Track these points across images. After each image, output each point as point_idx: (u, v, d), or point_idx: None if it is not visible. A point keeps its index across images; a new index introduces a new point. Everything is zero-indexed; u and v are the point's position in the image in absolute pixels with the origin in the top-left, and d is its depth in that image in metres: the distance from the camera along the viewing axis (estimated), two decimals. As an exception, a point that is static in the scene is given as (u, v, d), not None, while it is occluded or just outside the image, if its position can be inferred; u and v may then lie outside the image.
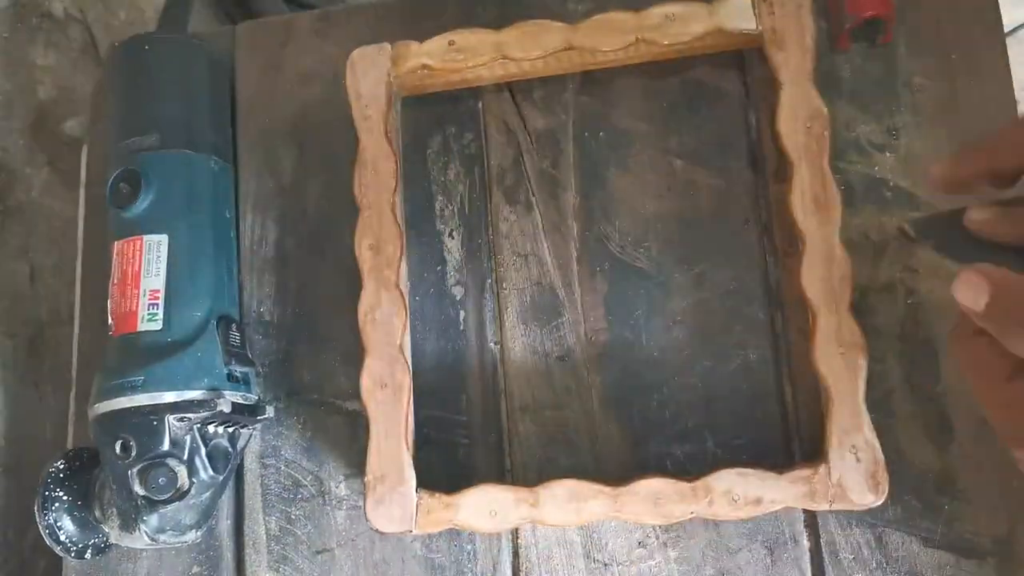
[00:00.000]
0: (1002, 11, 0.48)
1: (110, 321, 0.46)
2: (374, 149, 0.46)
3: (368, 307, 0.45)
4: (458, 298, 0.50)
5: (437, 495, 0.43)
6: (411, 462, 0.43)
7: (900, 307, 0.46)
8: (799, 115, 0.43)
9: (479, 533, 0.46)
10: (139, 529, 0.43)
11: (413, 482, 0.43)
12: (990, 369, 0.30)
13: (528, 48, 0.46)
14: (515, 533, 0.47)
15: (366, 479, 0.43)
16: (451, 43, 0.47)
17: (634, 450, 0.46)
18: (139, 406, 0.43)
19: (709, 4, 0.45)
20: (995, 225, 0.32)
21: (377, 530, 0.43)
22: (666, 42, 0.45)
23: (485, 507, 0.42)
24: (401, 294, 0.45)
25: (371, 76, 0.47)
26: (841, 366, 0.41)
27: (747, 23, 0.45)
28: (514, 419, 0.48)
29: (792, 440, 0.45)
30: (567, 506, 0.41)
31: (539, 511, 0.41)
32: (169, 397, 0.43)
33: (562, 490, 0.42)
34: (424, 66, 0.47)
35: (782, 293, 0.46)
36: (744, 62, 0.49)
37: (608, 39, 0.45)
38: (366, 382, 0.44)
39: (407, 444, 0.43)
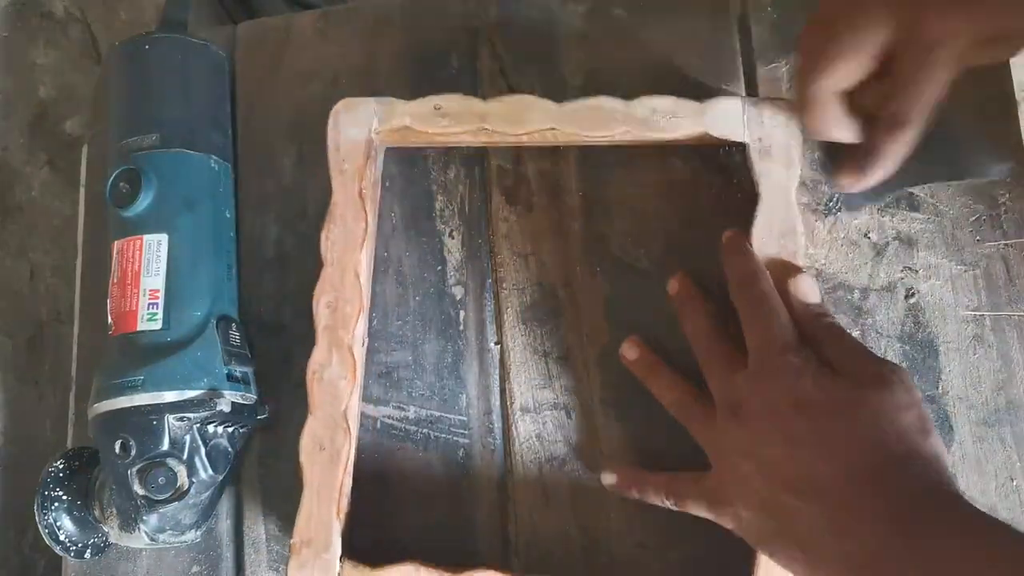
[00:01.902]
0: (1002, 11, 0.47)
1: (109, 320, 0.46)
2: (345, 206, 0.46)
3: (317, 365, 0.45)
4: (458, 298, 0.50)
5: (360, 567, 0.43)
6: (339, 529, 0.43)
7: (900, 307, 0.46)
8: (773, 230, 0.43)
9: None
10: (139, 529, 0.44)
11: (338, 551, 0.43)
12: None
13: (512, 124, 0.46)
14: (515, 532, 0.47)
15: (292, 541, 0.43)
16: (436, 107, 0.46)
17: (634, 450, 0.46)
18: (139, 406, 0.43)
19: (699, 103, 0.45)
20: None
21: None
22: (651, 137, 0.45)
23: None
24: (353, 357, 0.45)
25: (353, 129, 0.47)
26: None
27: (735, 131, 0.44)
28: (514, 419, 0.48)
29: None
30: None
31: None
32: (169, 397, 0.43)
33: None
34: (407, 127, 0.47)
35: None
36: (743, 62, 0.49)
37: (593, 128, 0.45)
38: (306, 442, 0.44)
39: (338, 511, 0.43)
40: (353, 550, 0.44)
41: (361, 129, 0.47)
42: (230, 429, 0.46)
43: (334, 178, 0.47)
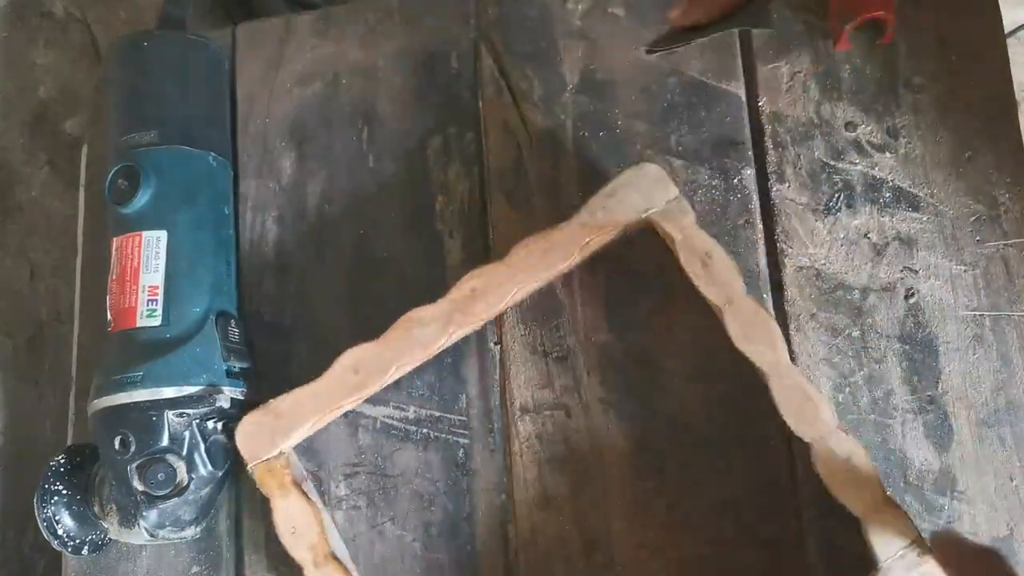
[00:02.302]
0: (1002, 11, 0.48)
1: (109, 317, 0.46)
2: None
3: None
4: (458, 298, 0.50)
5: None
6: None
7: (900, 307, 0.46)
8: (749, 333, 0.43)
9: None
10: (138, 525, 0.43)
11: None
12: None
13: (478, 311, 0.45)
14: (515, 533, 0.47)
15: None
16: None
17: (634, 450, 0.46)
18: (138, 402, 0.43)
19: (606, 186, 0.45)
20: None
21: None
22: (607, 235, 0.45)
23: None
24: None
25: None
26: None
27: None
28: (514, 419, 0.48)
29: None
30: None
31: None
32: (168, 393, 0.43)
33: None
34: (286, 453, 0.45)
35: (783, 292, 0.46)
36: (743, 62, 0.49)
37: (551, 266, 0.45)
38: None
39: None
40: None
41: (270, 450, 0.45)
42: (229, 425, 0.46)
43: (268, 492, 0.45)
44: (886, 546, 0.39)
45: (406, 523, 0.47)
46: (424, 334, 0.44)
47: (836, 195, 0.47)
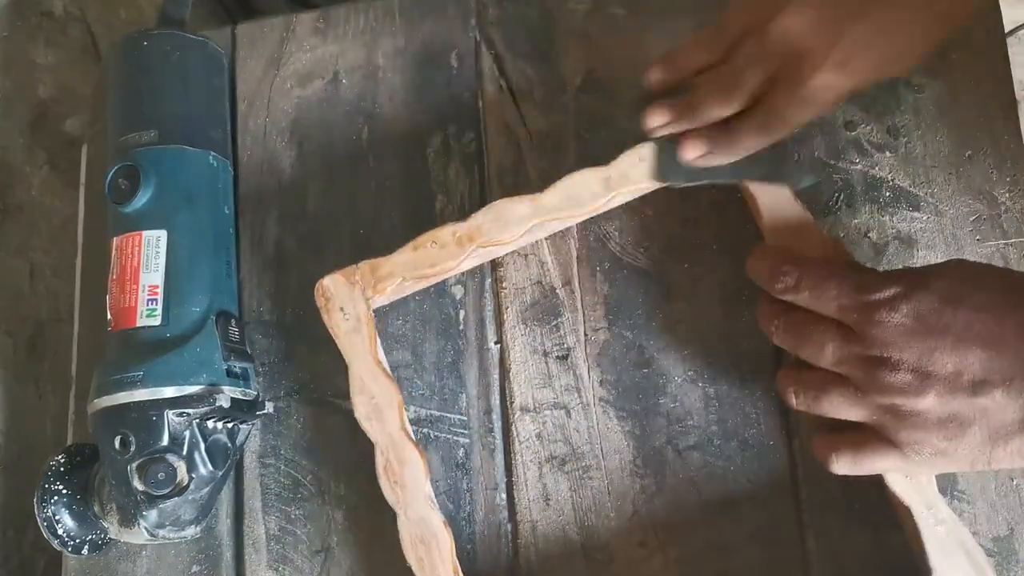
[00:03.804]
0: (1002, 11, 0.48)
1: (109, 316, 0.46)
2: (365, 375, 0.45)
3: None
4: (458, 298, 0.50)
5: None
6: None
7: (900, 307, 0.46)
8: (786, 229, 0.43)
9: None
10: (138, 524, 0.43)
11: None
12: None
13: (500, 231, 0.45)
14: (515, 532, 0.47)
15: None
16: (416, 248, 0.45)
17: (634, 450, 0.46)
18: (138, 401, 0.43)
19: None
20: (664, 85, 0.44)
21: None
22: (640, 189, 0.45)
23: None
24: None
25: (347, 303, 0.46)
26: None
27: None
28: (514, 419, 0.48)
29: (791, 427, 0.45)
30: None
31: None
32: (168, 392, 0.43)
33: None
34: (401, 281, 0.46)
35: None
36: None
37: (576, 207, 0.45)
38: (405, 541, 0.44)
39: None
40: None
41: (355, 301, 0.45)
42: (230, 425, 0.46)
43: (344, 351, 0.45)
44: None
45: (406, 523, 0.47)
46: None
47: (836, 194, 0.47)
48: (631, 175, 0.45)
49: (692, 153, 0.43)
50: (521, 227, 0.45)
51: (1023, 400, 0.35)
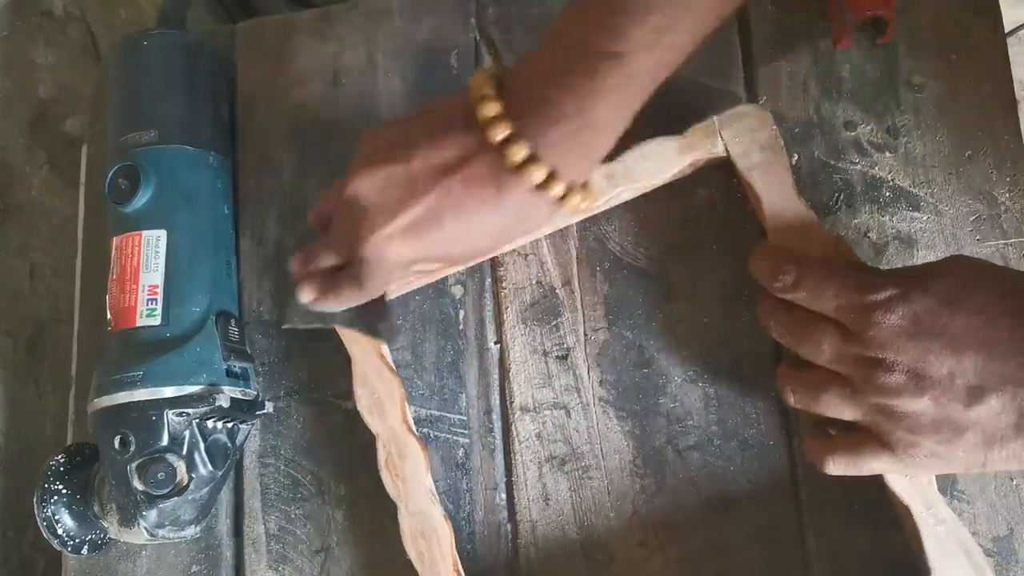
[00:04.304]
0: (1002, 11, 0.48)
1: (109, 316, 0.47)
2: (368, 369, 0.46)
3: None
4: (458, 297, 0.50)
5: None
6: None
7: (900, 307, 0.46)
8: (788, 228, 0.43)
9: None
10: (138, 524, 0.43)
11: None
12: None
13: None
14: (514, 532, 0.47)
15: None
16: None
17: (634, 450, 0.46)
18: (138, 401, 0.43)
19: (678, 137, 0.45)
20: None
21: None
22: (652, 183, 0.45)
23: None
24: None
25: None
26: None
27: (714, 147, 0.44)
28: (514, 419, 0.48)
29: (791, 427, 0.45)
30: None
31: None
32: (168, 392, 0.43)
33: None
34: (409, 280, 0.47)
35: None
36: (743, 61, 0.49)
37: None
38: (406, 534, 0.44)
39: None
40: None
41: None
42: (229, 425, 0.46)
43: (347, 344, 0.46)
44: None
45: (406, 523, 0.47)
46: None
47: (836, 194, 0.47)
48: (634, 172, 0.45)
49: (306, 297, 0.44)
50: None
51: (1017, 404, 0.35)
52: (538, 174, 0.36)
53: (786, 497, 0.44)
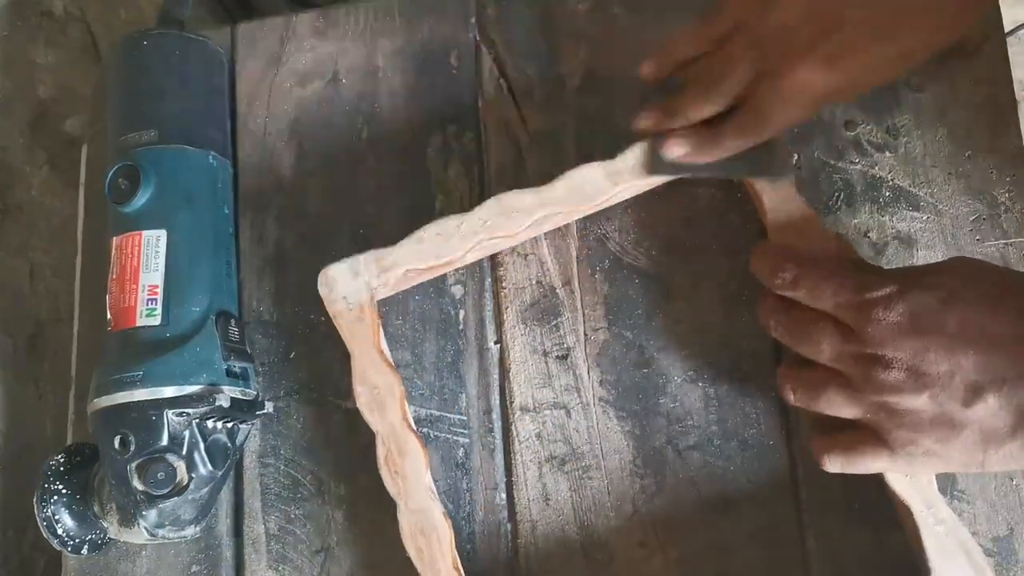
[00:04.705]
0: (1002, 11, 0.48)
1: (109, 316, 0.47)
2: (367, 365, 0.45)
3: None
4: (458, 297, 0.50)
5: None
6: None
7: (900, 307, 0.46)
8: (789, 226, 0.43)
9: None
10: (138, 524, 0.43)
11: None
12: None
13: (506, 224, 0.45)
14: (514, 532, 0.47)
15: None
16: (421, 240, 0.45)
17: (634, 450, 0.46)
18: (138, 401, 0.43)
19: None
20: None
21: None
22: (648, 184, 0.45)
23: None
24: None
25: (351, 292, 0.45)
26: None
27: None
28: (514, 419, 0.48)
29: (791, 427, 0.45)
30: None
31: None
32: (168, 392, 0.43)
33: None
34: (406, 272, 0.46)
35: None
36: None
37: (583, 201, 0.45)
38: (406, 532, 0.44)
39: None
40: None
41: (358, 290, 0.45)
42: (229, 424, 0.46)
43: (347, 340, 0.45)
44: None
45: (406, 523, 0.47)
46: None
47: (836, 194, 0.47)
48: (635, 170, 0.45)
49: (673, 153, 0.43)
50: (527, 219, 0.45)
51: (1015, 404, 0.35)
52: None
53: (786, 497, 0.44)
